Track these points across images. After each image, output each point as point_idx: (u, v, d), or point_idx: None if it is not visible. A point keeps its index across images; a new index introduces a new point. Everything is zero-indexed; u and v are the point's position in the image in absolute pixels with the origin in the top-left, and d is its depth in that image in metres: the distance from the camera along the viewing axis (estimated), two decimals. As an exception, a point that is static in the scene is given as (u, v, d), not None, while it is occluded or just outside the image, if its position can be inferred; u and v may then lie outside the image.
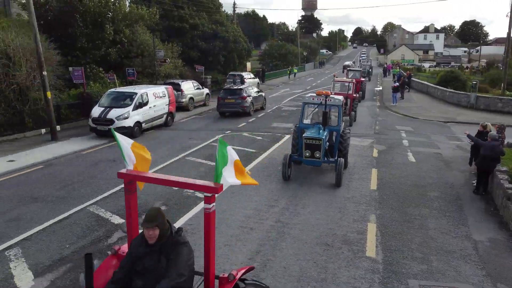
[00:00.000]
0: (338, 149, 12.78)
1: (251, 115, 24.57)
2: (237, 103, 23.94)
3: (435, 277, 7.03)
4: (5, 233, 8.49)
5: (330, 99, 12.56)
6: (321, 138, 11.55)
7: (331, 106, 12.74)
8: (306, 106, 13.17)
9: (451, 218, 9.64)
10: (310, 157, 11.73)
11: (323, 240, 8.33)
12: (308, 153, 11.70)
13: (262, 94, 27.72)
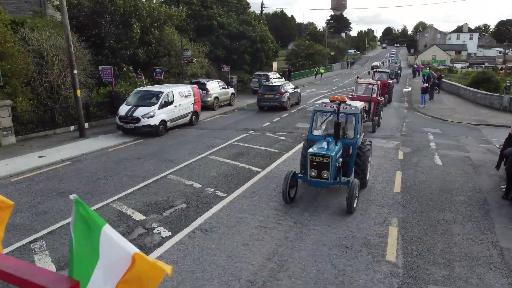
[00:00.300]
0: (355, 166, 10.85)
1: (287, 109, 26.93)
2: (275, 98, 26.21)
3: (457, 284, 6.83)
4: (31, 226, 8.79)
5: (346, 107, 10.38)
6: (330, 155, 9.33)
7: (347, 114, 10.68)
8: (316, 114, 10.90)
9: (477, 224, 9.34)
10: (316, 177, 9.58)
11: (342, 242, 8.23)
12: (314, 172, 9.54)
13: (297, 90, 29.93)
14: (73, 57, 17.35)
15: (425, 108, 29.15)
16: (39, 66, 19.25)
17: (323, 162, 9.38)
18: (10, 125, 16.62)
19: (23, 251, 7.73)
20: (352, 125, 10.86)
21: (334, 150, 9.70)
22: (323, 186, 9.76)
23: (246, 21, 37.95)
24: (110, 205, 10.06)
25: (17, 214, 9.42)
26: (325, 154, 9.37)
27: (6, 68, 16.53)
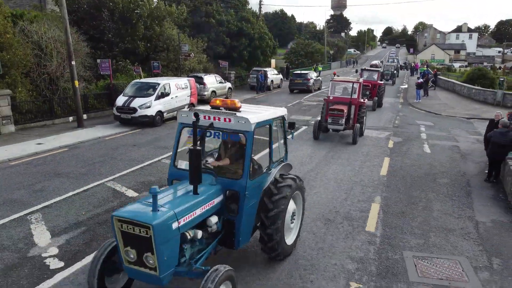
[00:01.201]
0: (260, 226, 6.30)
1: (311, 92, 34.32)
2: (303, 83, 34.28)
3: (430, 250, 7.21)
4: (28, 201, 9.16)
5: (229, 119, 5.82)
6: (150, 225, 4.62)
7: (231, 133, 6.17)
8: (184, 130, 6.33)
9: (457, 202, 9.71)
10: (135, 263, 4.93)
11: (325, 216, 8.60)
12: (133, 254, 4.88)
13: (319, 79, 39.10)
14: (71, 48, 17.73)
15: (420, 103, 29.50)
16: (38, 57, 19.62)
17: (141, 237, 4.67)
18: (10, 114, 16.98)
19: (20, 221, 8.10)
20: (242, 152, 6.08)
21: (170, 211, 4.85)
22: (151, 282, 4.96)
23: (244, 18, 38.31)
24: (104, 184, 10.44)
25: (14, 192, 9.80)
26: (143, 222, 4.61)
27: (6, 59, 16.91)
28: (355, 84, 16.57)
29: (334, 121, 16.04)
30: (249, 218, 6.04)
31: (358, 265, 6.58)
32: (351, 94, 16.35)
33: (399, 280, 6.18)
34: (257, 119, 5.88)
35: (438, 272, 6.43)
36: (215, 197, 5.66)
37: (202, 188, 5.48)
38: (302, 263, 6.60)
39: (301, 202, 7.11)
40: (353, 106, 16.40)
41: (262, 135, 6.41)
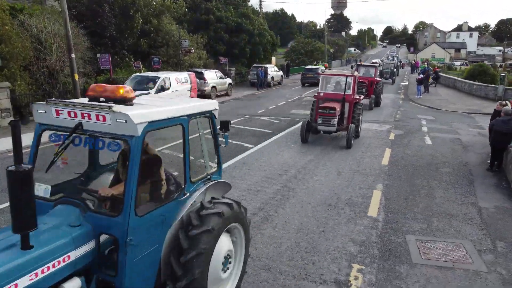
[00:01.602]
0: None
1: None
2: (314, 77, 35.82)
3: (434, 234, 7.11)
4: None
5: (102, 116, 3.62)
6: None
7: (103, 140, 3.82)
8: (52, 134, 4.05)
9: (460, 189, 9.62)
10: None
11: (327, 202, 8.51)
12: None
13: None
14: (71, 41, 17.63)
15: (420, 99, 29.40)
16: (37, 51, 19.54)
17: None
18: (9, 107, 16.90)
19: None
20: None
21: None
22: None
23: (244, 14, 38.23)
24: (104, 173, 10.34)
25: (13, 179, 9.70)
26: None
27: (5, 51, 16.82)
28: (349, 78, 14.48)
29: (325, 121, 13.86)
30: (142, 277, 3.81)
31: (360, 248, 6.49)
32: (345, 89, 14.24)
33: (402, 262, 6.09)
34: (148, 116, 3.70)
35: (442, 255, 6.34)
36: (72, 248, 3.43)
37: (46, 235, 3.37)
38: (304, 245, 6.51)
39: (242, 240, 4.94)
40: (347, 104, 14.46)
41: None
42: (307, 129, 14.19)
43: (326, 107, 13.84)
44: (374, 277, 5.65)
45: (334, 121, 13.76)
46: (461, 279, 5.66)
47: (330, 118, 13.79)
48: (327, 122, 13.85)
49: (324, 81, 15.22)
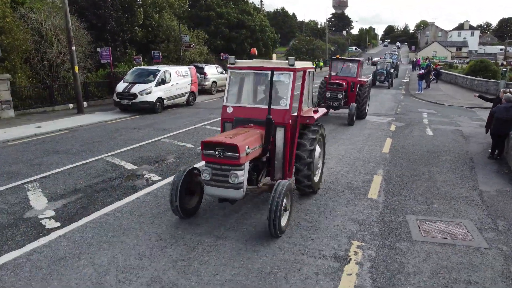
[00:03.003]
0: None
1: None
2: None
3: (434, 214, 7.06)
4: (26, 173, 9.05)
5: None
6: None
7: None
8: None
9: (460, 175, 9.56)
10: None
11: (327, 185, 8.46)
12: None
13: None
14: (71, 33, 17.62)
15: (422, 94, 29.35)
16: (38, 44, 19.55)
17: None
18: (9, 99, 16.89)
19: (16, 189, 7.99)
20: None
21: None
22: None
23: (245, 11, 38.22)
24: (103, 159, 10.33)
25: (12, 165, 9.70)
26: None
27: (5, 43, 16.84)
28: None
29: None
30: None
31: (360, 226, 6.45)
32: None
33: (402, 239, 6.04)
34: None
35: (442, 232, 6.29)
36: None
37: None
38: (303, 224, 6.47)
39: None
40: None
41: None
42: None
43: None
44: (374, 253, 5.60)
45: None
46: (462, 255, 5.60)
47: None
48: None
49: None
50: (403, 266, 5.28)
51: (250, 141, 5.99)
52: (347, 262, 5.34)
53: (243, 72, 7.26)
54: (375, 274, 5.05)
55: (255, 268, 5.13)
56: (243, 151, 5.71)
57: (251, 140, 6.07)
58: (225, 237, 5.98)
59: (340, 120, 16.91)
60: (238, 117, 6.88)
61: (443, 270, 5.19)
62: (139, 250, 5.53)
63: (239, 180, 5.76)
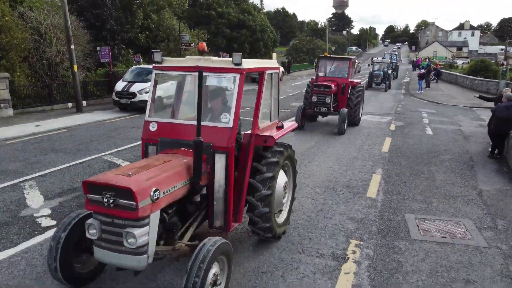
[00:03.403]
0: None
1: None
2: None
3: (433, 213, 7.01)
4: (23, 172, 9.00)
5: None
6: None
7: None
8: None
9: (460, 174, 9.51)
10: None
11: (325, 184, 8.41)
12: None
13: None
14: (70, 32, 17.57)
15: (422, 94, 29.30)
16: (37, 43, 19.50)
17: None
18: (8, 98, 16.83)
19: (13, 187, 7.94)
20: None
21: None
22: None
23: (245, 10, 38.17)
24: (101, 157, 10.28)
25: (9, 164, 9.65)
26: None
27: (4, 42, 16.79)
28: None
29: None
30: None
31: (358, 225, 6.39)
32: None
33: (401, 238, 5.99)
34: None
35: (441, 232, 6.24)
36: None
37: None
38: (301, 223, 6.42)
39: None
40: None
41: None
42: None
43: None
44: (372, 252, 5.55)
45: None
46: (461, 254, 5.55)
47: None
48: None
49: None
50: (401, 265, 5.23)
51: (163, 178, 4.07)
52: (344, 261, 5.29)
53: (174, 75, 5.58)
54: (373, 273, 5.00)
55: (252, 266, 5.08)
56: (144, 197, 3.73)
57: (166, 177, 4.09)
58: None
59: (330, 128, 14.97)
60: (164, 137, 4.91)
61: (441, 269, 5.14)
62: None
63: (138, 242, 3.72)
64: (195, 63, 4.86)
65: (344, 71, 15.37)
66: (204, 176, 4.55)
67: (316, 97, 14.13)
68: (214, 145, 4.62)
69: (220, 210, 4.78)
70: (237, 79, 4.69)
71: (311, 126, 15.21)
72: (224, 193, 4.72)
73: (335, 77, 15.15)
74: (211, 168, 4.69)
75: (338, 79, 14.98)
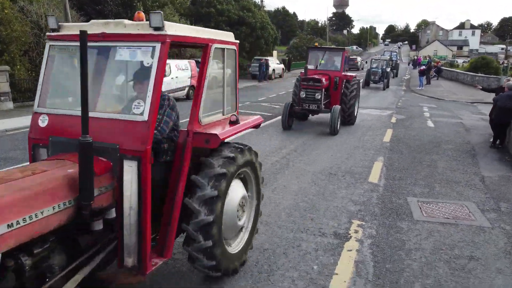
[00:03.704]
0: None
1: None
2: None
3: (435, 196, 6.97)
4: (24, 159, 8.92)
5: None
6: None
7: None
8: None
9: (462, 162, 9.47)
10: None
11: (327, 171, 8.37)
12: None
13: None
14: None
15: (422, 90, 29.23)
16: (37, 37, 19.46)
17: None
18: (8, 91, 16.79)
19: (13, 173, 7.89)
20: None
21: None
22: None
23: (245, 7, 38.11)
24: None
25: (10, 152, 9.61)
26: None
27: (4, 35, 16.74)
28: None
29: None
30: None
31: (360, 207, 6.35)
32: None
33: (403, 219, 5.95)
34: None
35: (444, 213, 6.19)
36: None
37: None
38: (302, 205, 6.37)
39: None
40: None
41: None
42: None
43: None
44: (375, 231, 5.51)
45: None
46: (464, 233, 5.51)
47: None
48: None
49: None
50: (404, 243, 5.18)
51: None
52: (347, 239, 5.24)
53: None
54: (376, 251, 4.95)
55: (254, 244, 5.02)
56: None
57: (19, 199, 2.63)
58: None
59: (322, 127, 13.23)
60: (56, 136, 3.51)
61: (445, 247, 5.10)
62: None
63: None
64: (101, 28, 3.43)
65: (338, 63, 13.70)
66: (106, 194, 3.21)
67: (304, 92, 12.37)
68: (121, 147, 3.23)
69: (132, 242, 3.33)
70: (156, 50, 3.26)
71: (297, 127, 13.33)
72: (137, 217, 3.28)
73: (327, 70, 13.54)
74: (118, 181, 3.29)
75: (330, 72, 13.33)
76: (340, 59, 13.76)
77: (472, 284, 4.28)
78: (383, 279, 4.34)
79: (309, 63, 13.94)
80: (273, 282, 4.22)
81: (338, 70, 13.56)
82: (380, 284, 4.24)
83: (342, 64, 13.66)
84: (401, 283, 4.26)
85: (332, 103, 13.06)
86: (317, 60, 14.12)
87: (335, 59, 13.93)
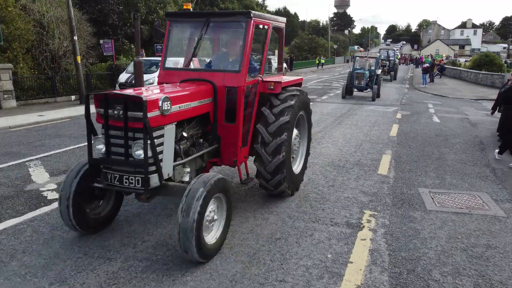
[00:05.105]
0: None
1: None
2: None
3: (447, 187, 6.85)
4: (27, 153, 8.87)
5: None
6: None
7: None
8: None
9: (471, 154, 9.35)
10: None
11: (335, 163, 8.26)
12: None
13: None
14: (73, 22, 17.46)
15: (426, 88, 29.11)
16: (40, 35, 19.41)
17: None
18: (11, 89, 16.72)
19: (18, 166, 7.81)
20: None
21: None
22: None
23: (248, 6, 38.10)
24: (106, 141, 10.13)
25: (13, 147, 9.52)
26: None
27: (7, 33, 16.69)
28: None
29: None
30: None
31: (371, 198, 6.24)
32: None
33: (416, 209, 5.83)
34: None
35: (457, 203, 6.08)
36: None
37: None
38: (312, 196, 6.27)
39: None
40: None
41: None
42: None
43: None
44: (388, 221, 5.40)
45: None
46: (479, 222, 5.39)
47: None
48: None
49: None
50: (418, 232, 5.07)
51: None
52: (360, 229, 5.13)
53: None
54: (390, 240, 4.84)
55: (265, 233, 4.93)
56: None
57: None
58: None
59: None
60: None
61: (460, 236, 4.98)
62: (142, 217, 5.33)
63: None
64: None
65: None
66: None
67: None
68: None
69: None
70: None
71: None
72: None
73: None
74: None
75: None
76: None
77: (491, 272, 4.16)
78: (400, 267, 4.22)
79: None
80: (286, 270, 4.11)
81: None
82: (397, 272, 4.13)
83: None
84: (418, 271, 4.15)
85: None
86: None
87: None
